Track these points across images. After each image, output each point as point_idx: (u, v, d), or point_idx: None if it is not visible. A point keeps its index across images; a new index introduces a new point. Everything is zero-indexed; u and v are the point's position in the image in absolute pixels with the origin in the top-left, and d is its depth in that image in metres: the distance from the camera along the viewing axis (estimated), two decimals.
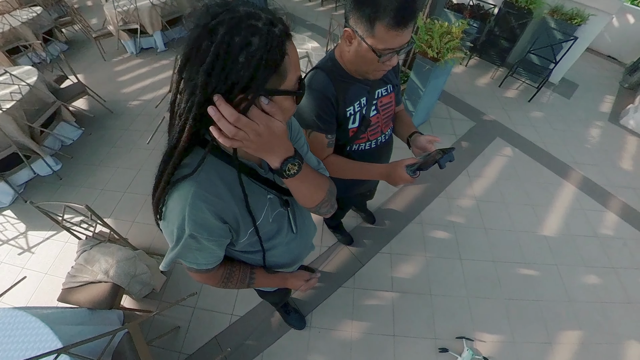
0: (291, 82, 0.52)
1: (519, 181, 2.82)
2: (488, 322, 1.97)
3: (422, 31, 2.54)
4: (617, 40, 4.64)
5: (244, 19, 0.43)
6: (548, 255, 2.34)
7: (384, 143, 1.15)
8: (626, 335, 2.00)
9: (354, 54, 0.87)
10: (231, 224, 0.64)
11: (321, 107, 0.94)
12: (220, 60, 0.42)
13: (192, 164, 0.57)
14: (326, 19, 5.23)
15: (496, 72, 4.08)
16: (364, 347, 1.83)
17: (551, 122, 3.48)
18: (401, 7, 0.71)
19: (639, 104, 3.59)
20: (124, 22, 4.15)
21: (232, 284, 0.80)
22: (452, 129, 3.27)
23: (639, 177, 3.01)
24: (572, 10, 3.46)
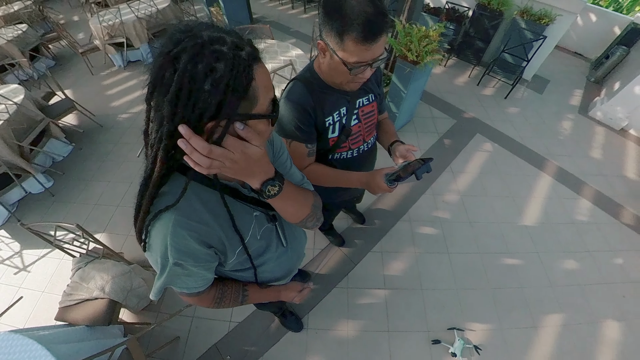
0: (263, 106, 0.49)
1: (500, 174, 2.86)
2: (477, 312, 1.99)
3: (402, 35, 2.53)
4: (582, 37, 4.76)
5: (207, 45, 0.40)
6: (529, 243, 2.37)
7: (366, 151, 1.13)
8: (603, 314, 2.05)
9: (328, 65, 0.85)
10: (217, 247, 0.61)
11: (299, 118, 0.91)
12: (184, 90, 0.39)
13: (171, 191, 0.54)
14: (309, 25, 5.17)
15: (473, 71, 4.13)
16: (360, 345, 1.82)
17: (526, 117, 3.54)
18: (369, 22, 0.68)
19: (604, 96, 3.68)
20: (110, 36, 4.02)
21: (226, 303, 0.76)
22: (435, 128, 3.28)
23: (608, 165, 3.09)
24: (540, 11, 3.52)
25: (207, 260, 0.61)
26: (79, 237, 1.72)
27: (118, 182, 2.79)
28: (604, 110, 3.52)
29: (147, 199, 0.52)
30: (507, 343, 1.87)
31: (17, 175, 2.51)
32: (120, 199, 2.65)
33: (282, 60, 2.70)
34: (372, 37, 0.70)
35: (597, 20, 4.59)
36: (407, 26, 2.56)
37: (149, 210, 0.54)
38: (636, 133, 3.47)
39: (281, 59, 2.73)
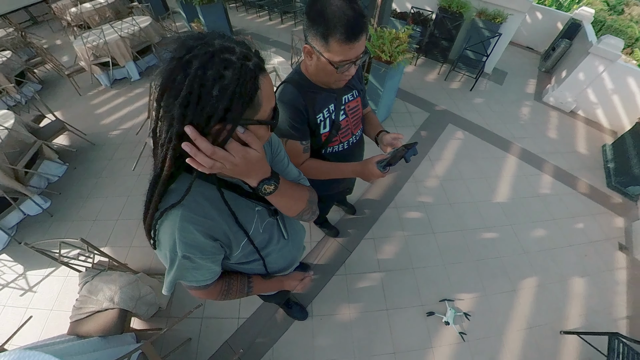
0: (265, 113, 0.49)
1: (472, 159, 2.94)
2: (463, 283, 2.05)
3: (375, 39, 2.57)
4: (531, 33, 4.98)
5: (217, 53, 0.40)
6: (503, 217, 2.46)
7: (355, 143, 1.14)
8: (570, 273, 2.16)
9: (315, 67, 0.85)
10: (222, 240, 0.61)
11: (293, 117, 0.91)
12: (194, 94, 0.40)
13: (178, 189, 0.53)
14: (287, 34, 5.13)
15: (441, 68, 4.22)
16: (362, 325, 1.83)
17: (490, 106, 3.65)
18: (350, 24, 0.70)
19: (555, 83, 3.88)
20: (95, 57, 3.83)
21: (232, 295, 0.75)
22: (411, 121, 3.33)
23: (562, 143, 3.26)
24: (494, 11, 3.66)
25: (213, 253, 0.61)
26: (84, 251, 1.64)
27: (115, 197, 2.67)
28: (555, 95, 3.71)
29: (157, 196, 0.52)
30: (492, 307, 1.94)
31: (14, 199, 2.36)
32: (119, 213, 2.53)
33: (266, 67, 2.68)
34: (354, 37, 0.72)
35: (543, 17, 4.81)
36: (378, 30, 2.59)
37: (158, 208, 0.53)
38: (584, 114, 3.67)
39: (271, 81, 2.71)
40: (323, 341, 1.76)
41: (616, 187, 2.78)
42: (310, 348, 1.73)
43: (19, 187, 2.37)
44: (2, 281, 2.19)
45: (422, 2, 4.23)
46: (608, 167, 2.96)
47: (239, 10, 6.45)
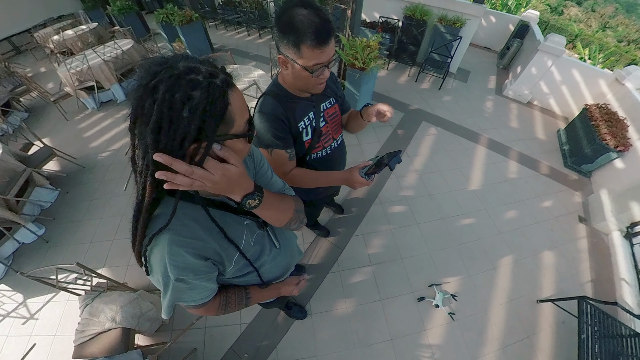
0: (240, 126, 0.47)
1: (446, 152, 3.00)
2: (448, 267, 2.07)
3: (348, 47, 2.57)
4: (488, 34, 5.17)
5: (183, 75, 0.38)
6: (478, 203, 2.52)
7: (337, 148, 1.12)
8: (540, 247, 2.24)
9: (292, 75, 0.83)
10: (214, 258, 0.58)
11: (275, 127, 0.89)
12: (164, 118, 0.38)
13: (163, 213, 0.50)
14: (266, 48, 5.07)
15: (410, 70, 4.31)
16: (359, 317, 1.81)
17: (458, 102, 3.75)
18: (318, 29, 0.69)
19: (512, 78, 4.03)
20: (80, 82, 3.63)
21: (231, 308, 0.72)
22: (388, 122, 3.36)
23: (523, 131, 3.39)
24: (453, 17, 3.77)
25: (206, 272, 0.57)
26: (81, 275, 1.54)
27: (109, 218, 2.53)
28: (513, 89, 3.86)
29: (142, 223, 0.49)
30: (476, 286, 1.98)
31: (7, 229, 2.20)
32: (115, 233, 2.40)
33: (247, 81, 2.62)
34: (324, 41, 0.72)
35: (496, 20, 5.01)
36: (351, 39, 2.60)
37: (145, 234, 0.50)
38: (539, 104, 3.84)
39: (245, 80, 2.65)
40: (324, 336, 1.73)
41: (572, 166, 2.92)
42: (312, 344, 1.70)
43: (12, 217, 2.20)
44: (2, 311, 2.02)
45: (389, 12, 4.31)
46: (563, 149, 3.10)
47: (218, 27, 6.34)
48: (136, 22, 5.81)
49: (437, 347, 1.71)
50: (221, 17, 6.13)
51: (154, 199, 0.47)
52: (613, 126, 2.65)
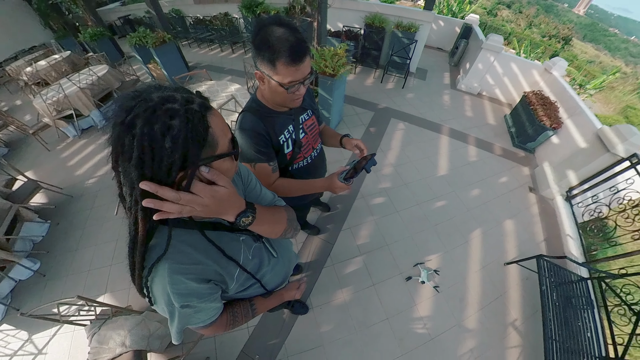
0: (224, 146, 0.44)
1: (415, 143, 3.07)
2: (428, 246, 2.13)
3: (317, 57, 2.54)
4: (439, 37, 5.37)
5: (159, 106, 0.35)
6: (447, 186, 2.60)
7: (317, 157, 1.09)
8: (502, 217, 2.37)
9: (269, 91, 0.79)
10: (215, 279, 0.53)
11: (257, 142, 0.84)
12: (147, 152, 0.35)
13: (158, 243, 0.45)
14: (240, 62, 4.92)
15: (375, 73, 4.35)
16: (356, 303, 1.81)
17: (420, 98, 3.84)
18: (293, 47, 0.66)
19: (462, 74, 4.22)
20: (58, 111, 3.27)
21: (239, 322, 0.67)
22: (360, 121, 3.37)
23: (477, 119, 3.55)
24: (408, 23, 3.87)
25: (210, 294, 0.53)
26: (84, 305, 1.39)
27: (104, 243, 2.31)
28: (464, 83, 4.04)
29: (139, 257, 0.44)
30: (454, 259, 2.05)
31: (1, 268, 1.96)
32: (112, 258, 2.19)
33: (224, 96, 2.51)
34: (298, 59, 0.68)
35: (444, 24, 5.21)
36: (319, 49, 2.57)
37: (143, 266, 0.45)
38: (487, 94, 4.05)
39: (223, 95, 2.53)
40: (327, 326, 1.71)
41: (519, 145, 3.12)
42: (317, 335, 1.67)
43: (4, 255, 1.96)
44: (9, 351, 1.78)
45: (351, 21, 4.33)
46: (511, 132, 3.31)
47: (192, 46, 6.02)
48: (109, 47, 5.38)
49: (428, 318, 1.75)
50: (193, 36, 5.82)
51: (147, 232, 0.42)
52: (547, 109, 2.85)
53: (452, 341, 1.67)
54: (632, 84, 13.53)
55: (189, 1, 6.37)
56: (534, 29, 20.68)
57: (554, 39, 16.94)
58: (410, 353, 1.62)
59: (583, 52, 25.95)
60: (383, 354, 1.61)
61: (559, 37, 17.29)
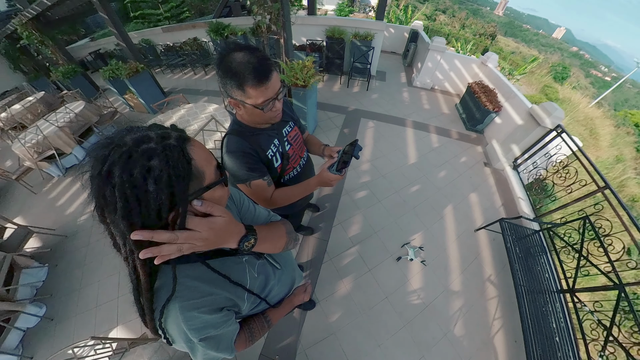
0: (211, 175, 0.38)
1: (385, 138, 3.09)
2: (411, 227, 2.15)
3: (288, 71, 2.46)
4: (392, 42, 5.47)
5: (133, 149, 0.30)
6: (418, 172, 2.65)
7: (305, 165, 1.03)
8: (467, 191, 2.46)
9: (246, 114, 0.72)
10: (227, 305, 0.48)
11: (246, 161, 0.77)
12: (131, 201, 0.30)
13: (164, 283, 0.40)
14: (214, 83, 4.67)
15: (341, 79, 4.33)
16: (357, 290, 1.79)
17: (383, 98, 3.88)
18: (256, 69, 0.60)
19: (416, 72, 4.33)
20: (39, 153, 2.88)
21: (257, 337, 0.62)
22: (334, 124, 3.32)
23: (434, 110, 3.66)
24: (364, 32, 3.88)
25: (225, 321, 0.47)
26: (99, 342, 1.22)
27: (107, 277, 2.06)
28: (419, 80, 4.16)
29: (146, 302, 0.39)
30: (434, 235, 2.10)
31: (6, 320, 1.69)
32: (117, 290, 1.96)
33: (204, 117, 2.34)
34: (265, 78, 0.62)
35: (395, 31, 5.32)
36: (289, 63, 2.49)
37: (153, 309, 0.40)
38: (439, 88, 4.20)
39: (202, 116, 2.36)
40: (335, 315, 1.67)
41: (470, 128, 3.28)
42: (328, 326, 1.63)
43: (7, 306, 1.69)
44: None
45: (313, 35, 4.27)
46: (462, 118, 3.46)
47: (165, 72, 5.60)
48: (83, 83, 4.85)
49: (420, 290, 1.78)
50: (166, 63, 5.42)
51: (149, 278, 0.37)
52: (488, 95, 3.02)
53: (443, 304, 1.72)
54: (546, 68, 14.93)
55: (157, 31, 5.92)
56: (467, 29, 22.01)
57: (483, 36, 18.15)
58: (410, 323, 1.63)
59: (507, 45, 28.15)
60: (388, 329, 1.61)
61: (487, 35, 18.55)
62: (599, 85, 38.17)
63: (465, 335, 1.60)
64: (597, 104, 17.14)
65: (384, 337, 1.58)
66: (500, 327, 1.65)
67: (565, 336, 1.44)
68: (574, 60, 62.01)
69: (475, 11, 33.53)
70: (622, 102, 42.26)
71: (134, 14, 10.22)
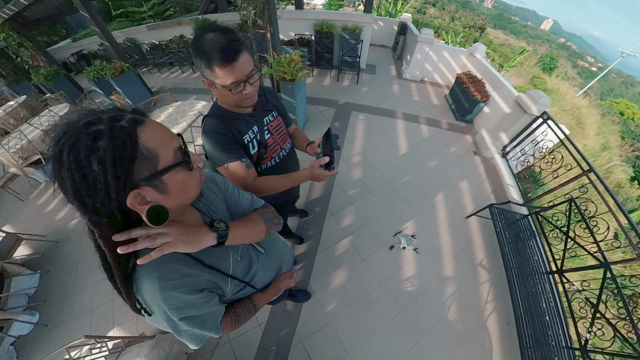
0: (168, 157, 0.37)
1: (376, 130, 3.09)
2: (403, 216, 2.17)
3: (276, 65, 2.43)
4: (380, 35, 5.45)
5: (82, 130, 0.31)
6: (408, 162, 2.67)
7: (286, 156, 1.00)
8: (457, 180, 2.49)
9: (220, 94, 0.72)
10: (209, 287, 0.49)
11: (222, 142, 0.76)
12: (77, 179, 0.30)
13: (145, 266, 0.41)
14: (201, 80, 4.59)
15: (331, 73, 4.30)
16: (352, 279, 1.80)
17: (373, 90, 3.88)
18: (224, 49, 0.61)
19: (405, 65, 4.34)
20: (24, 159, 2.77)
21: (243, 320, 0.62)
22: (325, 118, 3.30)
23: (423, 102, 3.68)
24: (352, 26, 3.85)
25: (207, 302, 0.48)
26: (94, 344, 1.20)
27: (100, 281, 1.99)
28: (408, 72, 4.17)
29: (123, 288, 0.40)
30: (425, 223, 2.13)
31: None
32: (112, 293, 1.80)
33: (192, 114, 2.30)
34: (231, 58, 0.62)
35: (384, 24, 5.30)
36: (276, 57, 2.46)
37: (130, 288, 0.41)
38: (428, 80, 4.22)
39: (191, 113, 2.32)
40: (330, 306, 1.68)
41: (460, 118, 3.31)
42: (323, 316, 1.64)
43: None
44: None
45: (302, 29, 4.22)
46: (452, 108, 3.49)
47: (152, 72, 5.48)
48: (66, 85, 4.69)
49: (414, 277, 1.80)
50: (152, 62, 5.29)
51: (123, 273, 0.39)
52: (476, 85, 3.04)
53: (437, 290, 1.74)
54: (534, 59, 15.17)
55: (142, 29, 5.77)
56: (457, 22, 22.14)
57: (472, 28, 18.30)
58: (405, 310, 1.66)
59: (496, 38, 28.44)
60: (383, 316, 1.63)
61: (476, 27, 18.70)
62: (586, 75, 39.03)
63: (459, 319, 1.63)
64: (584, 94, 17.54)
65: (380, 324, 1.60)
66: (493, 309, 1.68)
67: (555, 315, 1.48)
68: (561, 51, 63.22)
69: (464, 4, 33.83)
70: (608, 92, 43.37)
71: (116, 12, 9.93)
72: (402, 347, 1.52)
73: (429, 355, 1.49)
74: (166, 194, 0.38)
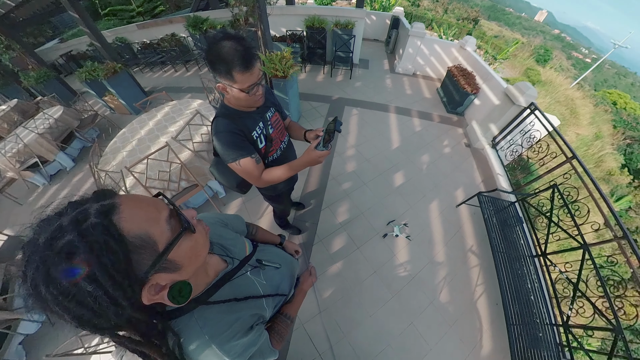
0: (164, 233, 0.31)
1: (369, 124, 3.14)
2: (395, 206, 2.24)
3: (267, 62, 2.47)
4: (373, 29, 5.46)
5: (47, 254, 0.25)
6: (400, 154, 2.73)
7: (286, 148, 1.10)
8: (449, 171, 2.57)
9: (233, 97, 0.79)
10: (255, 321, 0.51)
11: (234, 140, 0.83)
12: (75, 309, 0.26)
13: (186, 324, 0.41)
14: (196, 79, 4.58)
15: (324, 69, 4.30)
16: (348, 267, 1.87)
17: (367, 85, 3.91)
18: (243, 57, 0.68)
19: (398, 59, 4.38)
20: (21, 163, 2.77)
21: (285, 334, 0.65)
22: (319, 113, 3.32)
23: (416, 95, 3.72)
24: (345, 21, 3.86)
25: (259, 335, 0.51)
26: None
27: None
28: (401, 66, 4.21)
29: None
30: (417, 212, 2.20)
31: (7, 328, 1.72)
32: None
33: (189, 113, 2.33)
34: (250, 65, 0.70)
35: (376, 18, 5.31)
36: (268, 55, 2.49)
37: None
38: (420, 73, 4.27)
39: (187, 112, 2.35)
40: (327, 292, 1.75)
41: (451, 111, 3.38)
42: (321, 302, 1.71)
43: (6, 315, 1.70)
44: None
45: (293, 25, 4.23)
46: (444, 101, 3.56)
47: (144, 71, 5.43)
48: (58, 87, 4.63)
49: (407, 263, 1.88)
50: (144, 61, 5.26)
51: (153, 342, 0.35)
52: (467, 78, 3.11)
53: (429, 275, 1.83)
54: (528, 51, 15.27)
55: (131, 28, 5.71)
56: (450, 14, 22.12)
57: (466, 20, 18.32)
58: (398, 294, 1.74)
59: (490, 29, 28.44)
60: (377, 301, 1.71)
61: (470, 19, 18.72)
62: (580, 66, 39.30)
63: (450, 302, 1.72)
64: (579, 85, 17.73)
65: (375, 308, 1.68)
66: (482, 292, 1.78)
67: (540, 295, 1.58)
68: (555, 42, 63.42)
69: None
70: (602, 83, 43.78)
71: (104, 11, 9.74)
72: (397, 328, 1.61)
73: (422, 335, 1.59)
74: (179, 269, 0.33)
